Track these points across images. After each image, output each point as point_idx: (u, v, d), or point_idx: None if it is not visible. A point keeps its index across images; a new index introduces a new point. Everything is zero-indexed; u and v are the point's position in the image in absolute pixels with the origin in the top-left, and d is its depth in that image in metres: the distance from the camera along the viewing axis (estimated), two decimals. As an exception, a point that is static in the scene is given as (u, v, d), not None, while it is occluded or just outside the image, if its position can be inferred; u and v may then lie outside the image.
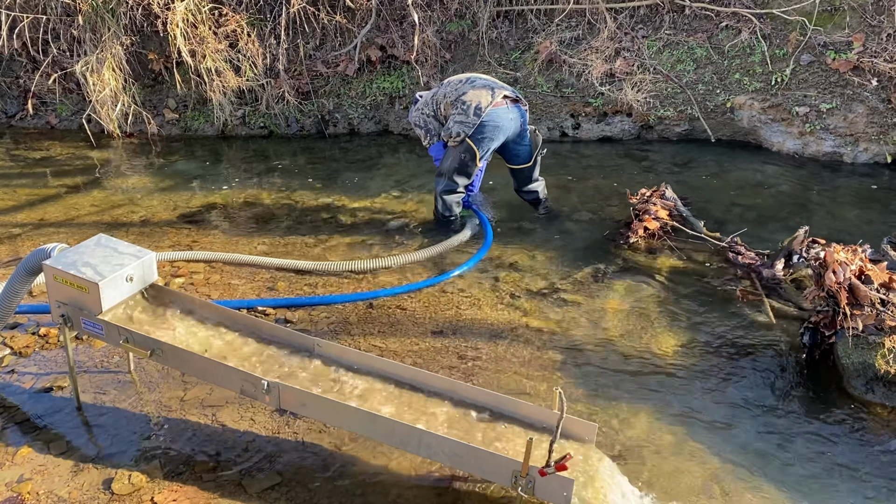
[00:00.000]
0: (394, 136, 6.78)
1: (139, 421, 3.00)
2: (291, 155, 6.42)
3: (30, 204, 5.43)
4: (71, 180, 5.91)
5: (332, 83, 6.78)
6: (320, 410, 2.60)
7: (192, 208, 5.28)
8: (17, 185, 5.81)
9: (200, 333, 2.93)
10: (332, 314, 3.79)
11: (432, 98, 4.64)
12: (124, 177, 6.02)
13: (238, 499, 2.56)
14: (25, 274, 3.03)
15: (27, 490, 2.60)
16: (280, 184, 5.71)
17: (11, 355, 3.44)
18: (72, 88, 7.12)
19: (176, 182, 5.83)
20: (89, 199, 5.49)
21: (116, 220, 5.08)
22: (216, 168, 6.15)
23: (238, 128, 6.83)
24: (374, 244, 4.62)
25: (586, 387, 3.20)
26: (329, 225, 4.95)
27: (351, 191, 5.52)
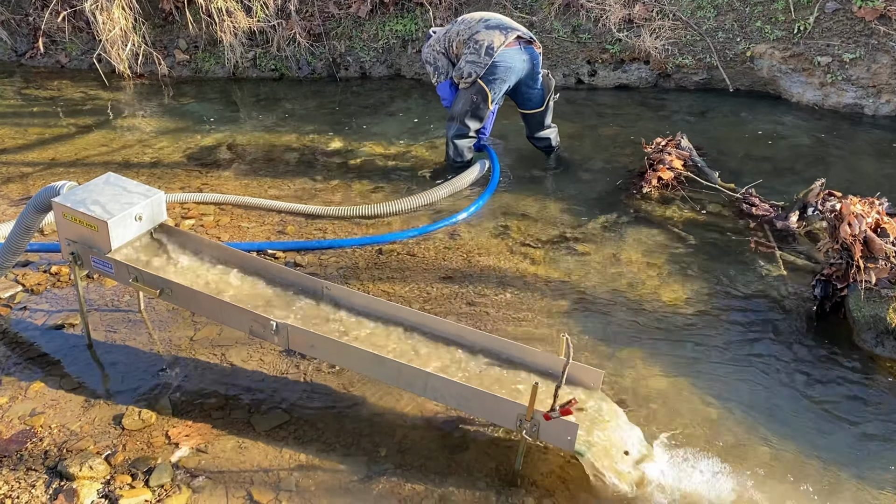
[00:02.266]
0: (406, 80, 6.67)
1: (149, 359, 3.03)
2: (302, 98, 6.34)
3: (40, 143, 5.41)
4: (81, 120, 5.87)
5: (343, 25, 6.65)
6: (329, 352, 2.62)
7: (203, 150, 5.24)
8: (28, 124, 5.78)
9: (210, 274, 2.93)
10: (341, 259, 3.79)
11: (444, 35, 4.55)
12: (135, 118, 5.97)
13: (247, 436, 2.60)
14: (35, 211, 3.03)
15: (40, 423, 2.65)
16: (290, 127, 5.66)
17: (23, 292, 3.46)
18: (81, 27, 7.01)
19: (187, 124, 5.79)
20: (100, 140, 5.46)
21: (127, 161, 5.06)
22: (227, 110, 6.09)
23: (249, 70, 6.74)
24: (384, 189, 4.59)
25: (594, 335, 3.20)
26: (339, 169, 4.91)
27: (362, 135, 5.47)
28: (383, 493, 2.38)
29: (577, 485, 2.40)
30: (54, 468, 2.43)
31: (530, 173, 4.82)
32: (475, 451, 2.55)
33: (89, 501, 2.29)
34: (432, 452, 2.55)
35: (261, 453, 2.52)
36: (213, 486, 2.38)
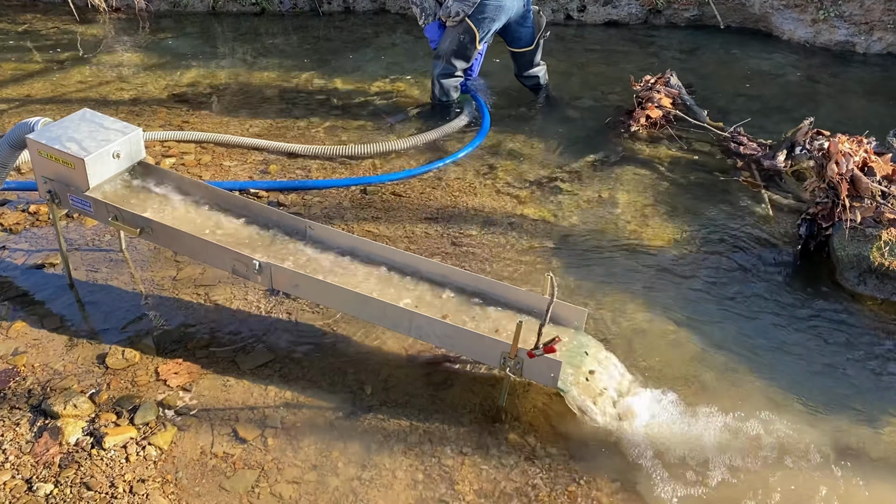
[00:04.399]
0: (391, 15, 6.50)
1: (131, 299, 3.01)
2: (284, 34, 6.17)
3: (14, 80, 5.25)
4: (56, 56, 5.69)
5: (326, -43, 6.44)
6: (313, 291, 2.60)
7: (183, 87, 5.12)
8: (1, 59, 5.60)
9: (191, 213, 2.89)
10: (325, 199, 3.74)
11: (433, -27, 4.41)
12: (112, 53, 5.80)
13: (231, 375, 2.60)
14: (10, 148, 2.95)
15: (22, 363, 2.63)
16: (272, 64, 5.52)
17: (2, 232, 3.41)
18: (53, -42, 6.75)
19: (166, 60, 5.63)
20: (76, 76, 5.31)
21: (105, 98, 4.94)
22: (207, 46, 5.92)
23: (229, 4, 6.54)
24: (368, 128, 4.51)
25: (578, 275, 3.20)
26: (323, 107, 4.82)
27: (345, 72, 5.34)
28: (368, 430, 2.40)
29: (559, 420, 2.43)
30: (38, 407, 2.42)
31: (517, 112, 4.75)
32: (459, 389, 2.58)
33: (74, 439, 2.30)
34: (417, 389, 2.57)
35: (246, 391, 2.53)
36: (199, 423, 2.39)
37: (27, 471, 2.21)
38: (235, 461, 2.27)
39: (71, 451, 2.26)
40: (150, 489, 2.16)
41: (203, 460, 2.27)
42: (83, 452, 2.26)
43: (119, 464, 2.24)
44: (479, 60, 4.74)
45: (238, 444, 2.33)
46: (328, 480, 2.22)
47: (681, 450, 2.36)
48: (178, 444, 2.32)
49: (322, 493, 2.18)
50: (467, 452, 2.33)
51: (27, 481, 2.17)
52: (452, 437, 2.38)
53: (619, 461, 2.32)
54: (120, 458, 2.25)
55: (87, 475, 2.19)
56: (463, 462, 2.30)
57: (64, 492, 2.14)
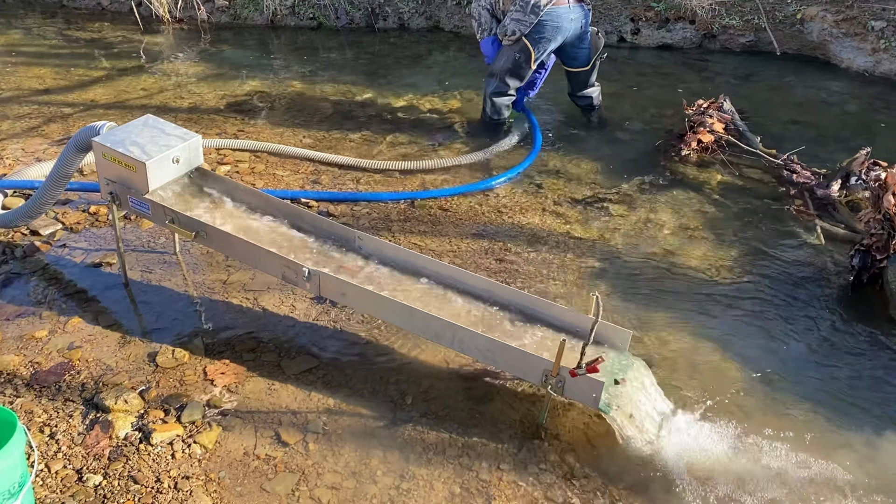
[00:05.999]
0: (444, 32, 6.58)
1: (183, 300, 3.09)
2: (339, 48, 6.30)
3: (81, 85, 5.46)
4: (121, 63, 5.91)
5: (384, -25, 6.56)
6: (359, 300, 2.65)
7: (240, 97, 5.26)
8: (69, 65, 5.83)
9: (244, 219, 2.96)
10: (373, 210, 3.79)
11: (492, -11, 4.45)
12: (173, 62, 6.00)
13: (276, 379, 2.65)
14: (75, 150, 3.07)
15: (77, 357, 2.72)
16: (327, 77, 5.64)
17: (63, 230, 3.54)
18: (122, -31, 7.02)
19: (224, 70, 5.79)
20: (138, 83, 5.50)
21: (165, 105, 5.10)
22: (264, 58, 6.08)
23: (287, 18, 6.71)
24: (418, 143, 4.57)
25: (623, 296, 3.18)
26: (374, 121, 4.90)
27: (398, 87, 5.43)
28: (408, 440, 2.42)
29: (600, 441, 2.42)
30: (91, 400, 2.50)
31: (568, 131, 4.76)
32: (500, 404, 2.58)
33: (123, 433, 2.37)
34: (457, 402, 2.58)
35: (290, 395, 2.58)
36: (243, 424, 2.44)
37: (78, 461, 2.28)
38: (277, 464, 2.31)
39: (120, 445, 2.33)
40: (194, 486, 2.21)
41: (246, 461, 2.31)
42: (131, 447, 2.33)
43: (165, 460, 2.29)
44: (542, 77, 4.75)
45: (280, 447, 2.37)
46: (366, 488, 2.24)
47: (721, 477, 2.32)
48: (223, 443, 2.37)
49: (360, 500, 2.20)
50: (505, 469, 2.33)
51: (77, 471, 2.25)
52: (491, 452, 2.39)
53: (658, 485, 2.30)
54: (166, 454, 2.31)
55: (135, 469, 2.26)
56: (501, 478, 2.30)
57: (112, 484, 2.21)
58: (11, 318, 2.92)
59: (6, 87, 5.36)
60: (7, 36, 6.59)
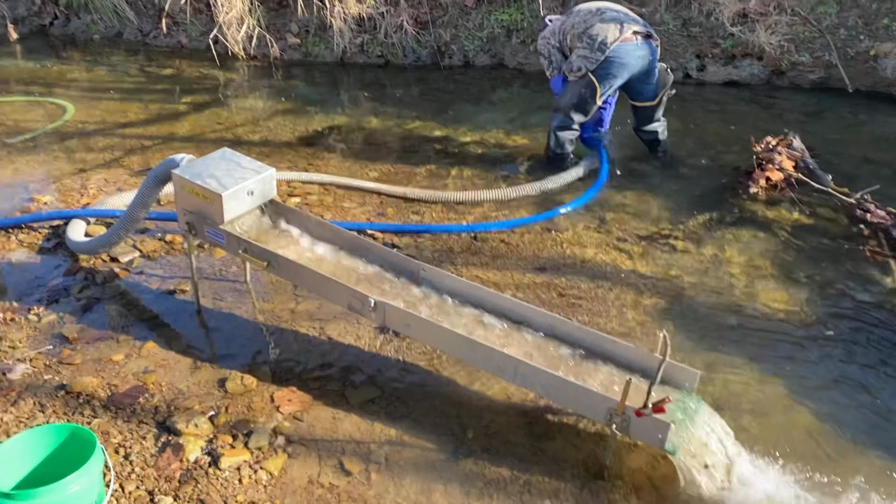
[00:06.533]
0: (508, 69, 6.67)
1: (252, 328, 3.18)
2: (406, 85, 6.44)
3: (160, 119, 5.72)
4: (197, 98, 6.17)
5: (450, 14, 6.70)
6: (423, 332, 2.68)
7: (310, 132, 5.42)
8: (149, 100, 6.12)
9: (313, 249, 3.04)
10: (436, 242, 3.84)
11: (560, 28, 4.49)
12: (246, 98, 6.23)
13: (340, 408, 2.69)
14: (155, 182, 3.21)
15: (151, 381, 2.82)
16: (393, 113, 5.76)
17: (141, 258, 3.69)
18: (202, 9, 7.36)
19: (295, 106, 5.99)
20: (214, 117, 5.73)
21: (238, 139, 5.29)
22: (333, 94, 6.27)
23: (356, 56, 6.90)
24: (482, 177, 4.62)
25: (689, 335, 3.13)
26: (439, 155, 4.98)
27: (462, 123, 5.51)
28: (469, 475, 2.42)
29: (664, 483, 2.37)
30: (163, 423, 2.59)
31: (632, 166, 4.74)
32: (561, 441, 2.56)
33: (194, 457, 2.44)
34: (518, 438, 2.57)
35: (353, 425, 2.61)
36: (308, 452, 2.49)
37: (150, 483, 2.35)
38: (340, 493, 2.34)
39: (190, 468, 2.40)
40: (259, 511, 2.26)
41: (310, 489, 2.35)
42: (201, 470, 2.39)
43: (233, 485, 2.35)
44: (609, 111, 4.75)
45: (343, 475, 2.40)
46: (427, 521, 2.25)
47: (794, 527, 2.25)
48: (288, 470, 2.42)
49: (421, 532, 2.21)
50: (567, 507, 2.31)
51: (150, 493, 2.32)
52: (552, 490, 2.37)
53: (726, 532, 2.23)
54: (234, 479, 2.37)
55: (204, 492, 2.32)
56: (562, 516, 2.28)
57: (181, 505, 2.27)
58: (91, 342, 3.05)
59: (91, 121, 5.66)
60: (94, 73, 6.97)
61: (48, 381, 2.80)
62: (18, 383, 2.77)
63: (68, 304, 3.30)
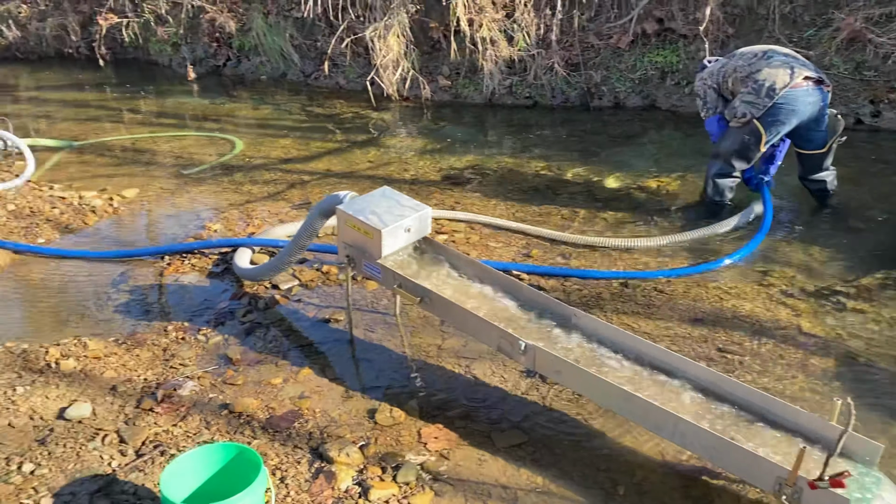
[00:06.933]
0: (661, 111, 6.52)
1: (401, 361, 3.23)
2: (553, 126, 6.45)
3: (318, 155, 6.04)
4: (352, 136, 6.48)
5: (602, 55, 6.68)
6: (574, 379, 2.61)
7: (457, 171, 5.53)
8: (309, 137, 6.49)
9: (464, 288, 3.07)
10: (584, 287, 3.77)
11: (719, 70, 4.34)
12: (398, 137, 6.47)
13: (486, 450, 2.66)
14: (320, 215, 3.37)
15: (306, 406, 2.92)
16: (540, 153, 5.78)
17: (299, 286, 3.87)
18: (360, 52, 7.76)
19: (443, 145, 6.14)
20: (367, 156, 5.98)
21: (389, 176, 5.48)
22: (481, 134, 6.38)
23: (504, 97, 7.01)
24: (630, 221, 4.51)
25: (865, 402, 2.86)
26: (585, 198, 4.92)
27: (610, 166, 5.43)
28: (619, 533, 2.31)
29: (840, 567, 2.15)
30: (316, 449, 2.66)
31: (798, 217, 4.47)
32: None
33: (345, 486, 2.48)
34: (674, 501, 2.43)
35: (499, 469, 2.57)
36: (454, 492, 2.47)
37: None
38: (486, 537, 2.30)
39: (341, 497, 2.44)
40: (406, 548, 2.26)
41: (455, 530, 2.33)
42: (351, 500, 2.43)
43: (380, 517, 2.37)
44: (780, 157, 4.50)
45: (489, 520, 2.36)
46: (575, 578, 2.16)
47: None
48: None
49: (569, 589, 2.12)
50: (728, 581, 2.15)
51: (302, 517, 2.38)
52: (711, 559, 2.21)
53: None
54: (381, 511, 2.39)
55: (353, 522, 2.35)
56: (722, 590, 2.12)
57: (331, 533, 2.31)
58: (252, 364, 3.21)
59: (256, 156, 6.06)
60: (259, 111, 7.50)
61: (213, 400, 2.96)
62: (187, 399, 2.95)
63: (233, 326, 3.50)
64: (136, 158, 6.11)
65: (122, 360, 3.20)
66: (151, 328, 3.50)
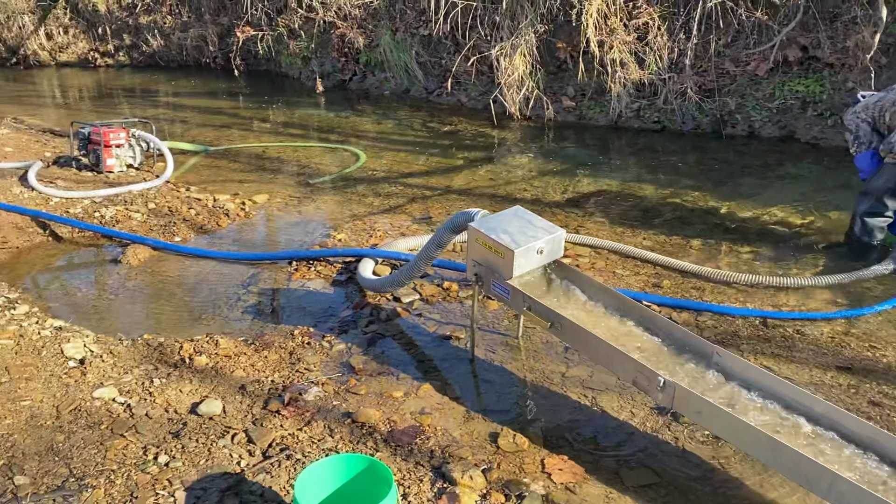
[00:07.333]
0: (799, 143, 6.18)
1: (523, 385, 3.14)
2: (681, 152, 6.23)
3: (438, 171, 6.07)
4: (472, 154, 6.48)
5: (738, 82, 6.41)
6: (716, 422, 2.45)
7: (579, 194, 5.41)
8: (430, 153, 6.54)
9: (595, 315, 2.96)
10: (719, 324, 3.57)
11: (875, 103, 4.06)
12: (518, 156, 6.41)
13: (614, 487, 2.53)
14: (450, 231, 3.35)
15: (427, 423, 2.88)
16: (666, 180, 5.58)
17: (420, 300, 3.86)
18: (483, 71, 7.79)
19: (565, 167, 6.04)
20: (486, 173, 5.96)
21: (510, 196, 5.43)
22: (604, 157, 6.24)
23: (631, 120, 6.84)
24: (767, 257, 4.26)
25: None
26: (717, 229, 4.69)
27: (743, 197, 5.17)
28: None
29: None
30: (439, 469, 2.61)
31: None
32: (880, 580, 2.17)
33: (468, 509, 2.42)
34: (824, 565, 2.23)
35: (629, 510, 2.44)
36: (581, 529, 2.36)
37: (424, 527, 2.37)
38: (615, 582, 2.17)
39: (464, 521, 2.38)
40: (530, 583, 2.17)
41: (583, 570, 2.21)
42: (474, 525, 2.37)
43: (503, 547, 2.29)
44: None
45: (618, 563, 2.24)
46: None
47: None
48: (560, 544, 2.31)
49: None
50: None
51: (423, 537, 2.33)
52: None
53: None
54: (504, 541, 2.31)
55: (475, 548, 2.28)
56: None
57: (453, 558, 2.25)
58: (374, 375, 3.21)
59: (379, 169, 6.16)
60: (382, 125, 7.64)
61: (336, 407, 2.97)
62: (312, 405, 2.98)
63: (356, 335, 3.52)
64: (265, 166, 6.34)
65: (250, 360, 3.28)
66: (278, 331, 3.57)
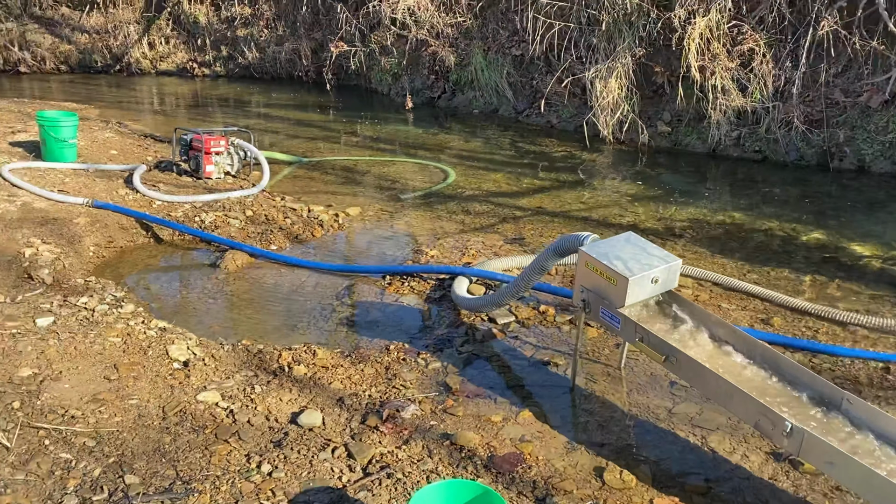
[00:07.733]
0: (914, 180, 5.86)
1: (626, 419, 3.01)
2: (783, 184, 5.98)
3: (529, 192, 5.99)
4: (562, 176, 6.38)
5: (848, 114, 6.12)
6: (850, 474, 2.27)
7: (675, 221, 5.24)
8: (519, 173, 6.47)
9: (713, 351, 2.81)
10: (836, 367, 3.36)
11: None
12: (610, 180, 6.28)
13: (732, 536, 2.39)
14: (554, 253, 3.26)
15: (528, 451, 2.78)
16: (768, 212, 5.35)
17: (516, 323, 3.78)
18: (576, 93, 7.69)
19: (660, 193, 5.88)
20: (577, 196, 5.84)
21: (604, 219, 5.30)
22: (700, 185, 6.04)
23: (730, 148, 6.62)
24: (886, 297, 4.00)
25: None
26: (827, 265, 4.46)
27: (853, 232, 4.91)
28: None
29: None
30: (542, 500, 2.51)
31: None
32: None
33: (576, 547, 2.31)
34: None
35: (749, 562, 2.28)
36: (698, 579, 2.22)
37: (529, 561, 2.27)
38: None
39: (573, 559, 2.27)
40: None
41: None
42: (583, 564, 2.25)
43: (615, 590, 2.17)
44: None
45: None
46: None
47: None
48: None
49: None
50: None
51: (529, 572, 2.23)
52: None
53: None
54: (616, 584, 2.19)
55: (585, 590, 2.17)
56: None
57: None
58: (471, 397, 3.14)
59: (468, 187, 6.12)
60: (471, 143, 7.62)
61: (434, 427, 2.91)
62: (409, 423, 2.92)
63: (451, 354, 3.46)
64: (357, 179, 6.39)
65: (347, 373, 3.25)
66: (373, 345, 3.54)
